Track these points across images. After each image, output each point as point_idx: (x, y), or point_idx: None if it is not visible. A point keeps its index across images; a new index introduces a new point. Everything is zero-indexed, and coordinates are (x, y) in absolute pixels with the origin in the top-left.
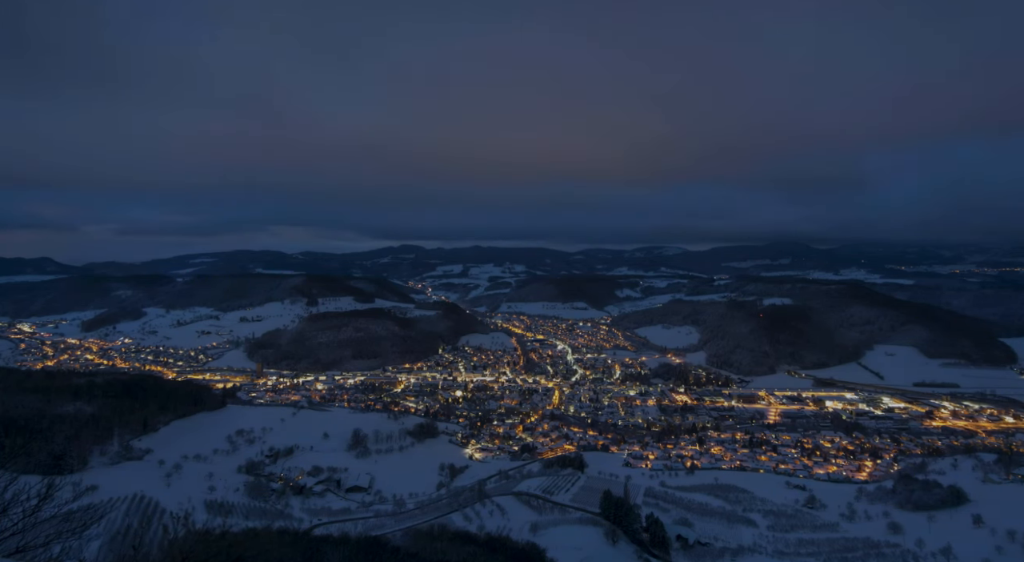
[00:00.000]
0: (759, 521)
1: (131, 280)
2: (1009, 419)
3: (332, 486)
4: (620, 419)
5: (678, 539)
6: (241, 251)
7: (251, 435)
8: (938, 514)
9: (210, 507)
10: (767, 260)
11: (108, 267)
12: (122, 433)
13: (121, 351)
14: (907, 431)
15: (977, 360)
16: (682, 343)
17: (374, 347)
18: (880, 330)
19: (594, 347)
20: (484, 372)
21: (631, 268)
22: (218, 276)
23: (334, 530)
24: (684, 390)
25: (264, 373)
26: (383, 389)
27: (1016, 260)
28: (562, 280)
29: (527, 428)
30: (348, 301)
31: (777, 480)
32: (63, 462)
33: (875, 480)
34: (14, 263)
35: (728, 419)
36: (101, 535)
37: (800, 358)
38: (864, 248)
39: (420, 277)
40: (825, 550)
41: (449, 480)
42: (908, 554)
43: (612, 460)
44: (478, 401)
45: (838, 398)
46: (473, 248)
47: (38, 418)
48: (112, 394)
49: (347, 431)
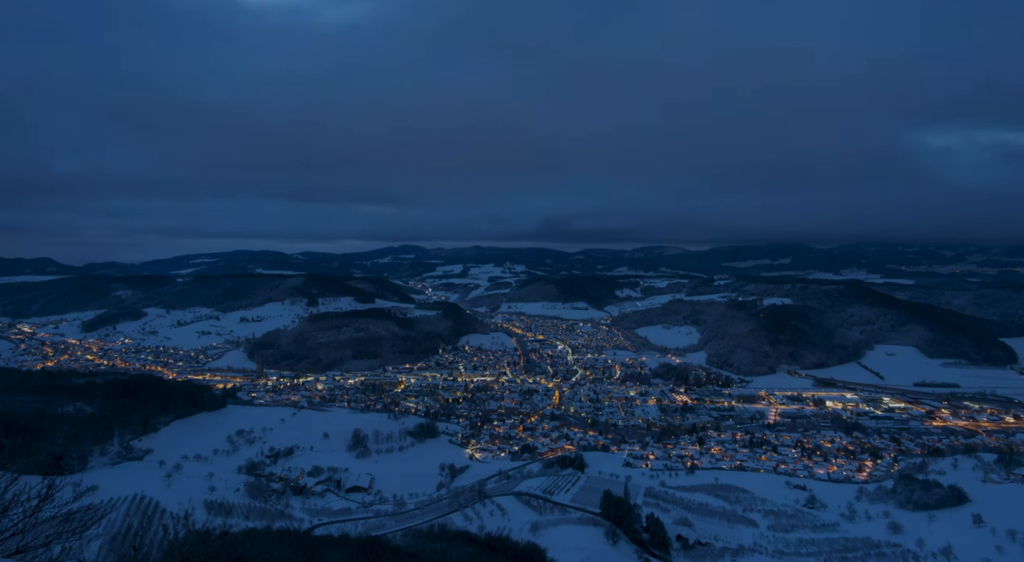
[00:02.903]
0: (759, 521)
1: (131, 280)
2: (1009, 419)
3: (332, 486)
4: (620, 419)
5: (678, 539)
6: (241, 251)
7: (251, 435)
8: (938, 514)
9: (210, 507)
10: (767, 260)
11: (108, 267)
12: (122, 433)
13: (121, 351)
14: (907, 431)
15: (977, 360)
16: (682, 343)
17: (374, 347)
18: (880, 330)
19: (594, 347)
20: (484, 372)
21: (631, 268)
22: (218, 276)
23: (334, 530)
24: (684, 390)
25: (264, 373)
26: (383, 389)
27: (1016, 260)
28: (562, 280)
29: (527, 428)
30: (348, 301)
31: (777, 480)
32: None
33: (875, 480)
34: (14, 263)
35: (728, 419)
36: (101, 535)
37: (800, 358)
38: (864, 248)
39: (420, 277)
40: (825, 550)
41: (449, 480)
42: (908, 554)
43: (612, 460)
44: (478, 401)
45: (838, 398)
46: (473, 248)
47: (38, 418)
48: (112, 394)
49: (347, 431)
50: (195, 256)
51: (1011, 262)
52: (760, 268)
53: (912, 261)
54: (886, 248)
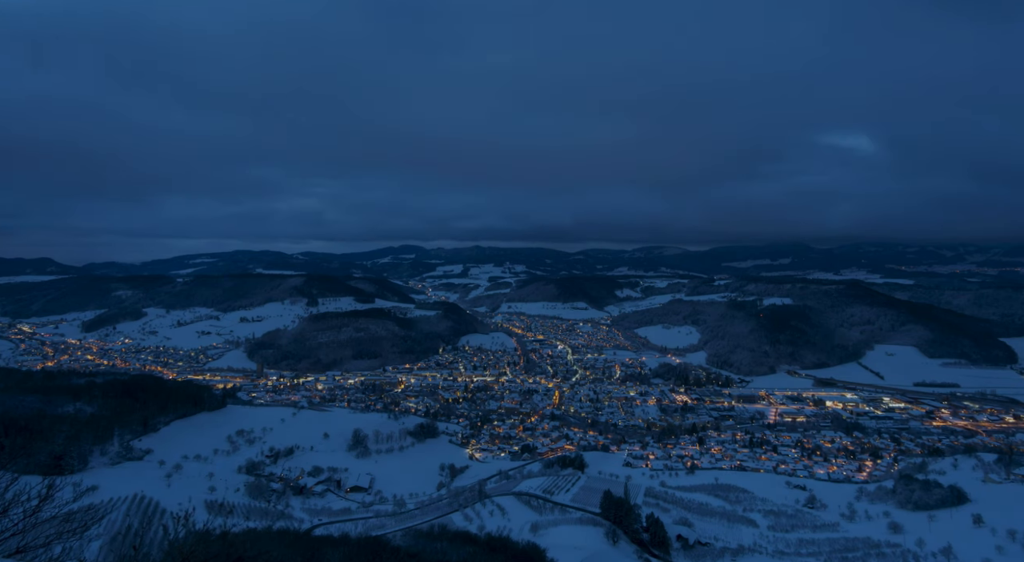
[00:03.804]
0: (759, 521)
1: (131, 280)
2: (1009, 419)
3: (332, 486)
4: (620, 419)
5: (678, 539)
6: (241, 251)
7: (251, 435)
8: (938, 514)
9: (210, 507)
10: (767, 260)
11: (108, 267)
12: (122, 433)
13: (121, 351)
14: (907, 431)
15: (977, 360)
16: (682, 343)
17: (374, 347)
18: (880, 330)
19: (594, 347)
20: (484, 372)
21: (631, 268)
22: (218, 276)
23: (334, 530)
24: (684, 390)
25: (264, 373)
26: (383, 389)
27: (1016, 260)
28: (562, 280)
29: (527, 428)
30: (348, 301)
31: (777, 480)
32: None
33: (875, 480)
34: (14, 263)
35: (728, 419)
36: (102, 535)
37: (800, 358)
38: (864, 248)
39: (420, 277)
40: (825, 550)
41: (449, 480)
42: (908, 554)
43: (612, 460)
44: (478, 401)
45: (838, 398)
46: (473, 248)
47: (38, 418)
48: (112, 394)
49: (347, 431)
50: (195, 256)
51: (1011, 262)
52: (760, 268)
53: (912, 261)
54: (886, 248)
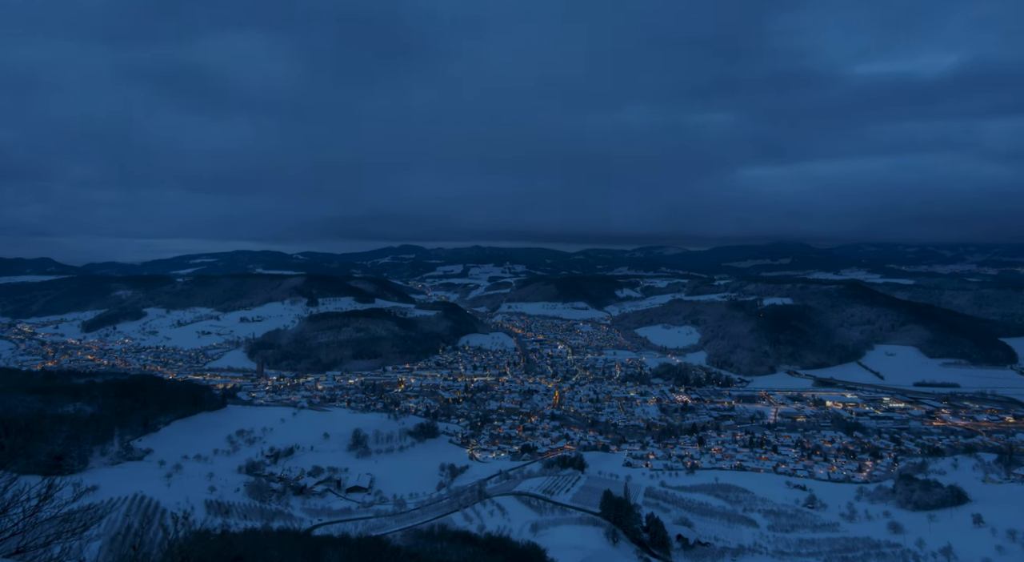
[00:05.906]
0: (759, 521)
1: (131, 280)
2: (1009, 419)
3: (332, 486)
4: (620, 419)
5: (678, 539)
6: (241, 251)
7: (251, 435)
8: (938, 514)
9: (210, 507)
10: (767, 260)
11: (108, 267)
12: (122, 433)
13: (121, 351)
14: (907, 431)
15: (977, 360)
16: (682, 343)
17: (374, 347)
18: (880, 330)
19: (594, 347)
20: (484, 372)
21: (631, 268)
22: (218, 276)
23: (334, 530)
24: (684, 390)
25: (264, 373)
26: (383, 389)
27: (1016, 260)
28: (562, 280)
29: (527, 428)
30: (348, 301)
31: (777, 480)
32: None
33: (875, 480)
34: (14, 263)
35: (728, 419)
36: (101, 535)
37: (800, 358)
38: (864, 248)
39: (420, 277)
40: (825, 550)
41: (449, 480)
42: (909, 554)
43: (612, 460)
44: (478, 401)
45: (838, 398)
46: (473, 248)
47: (38, 418)
48: (112, 394)
49: (347, 431)
50: (195, 256)
51: (1011, 262)
52: (760, 268)
53: (912, 261)
54: (886, 248)
